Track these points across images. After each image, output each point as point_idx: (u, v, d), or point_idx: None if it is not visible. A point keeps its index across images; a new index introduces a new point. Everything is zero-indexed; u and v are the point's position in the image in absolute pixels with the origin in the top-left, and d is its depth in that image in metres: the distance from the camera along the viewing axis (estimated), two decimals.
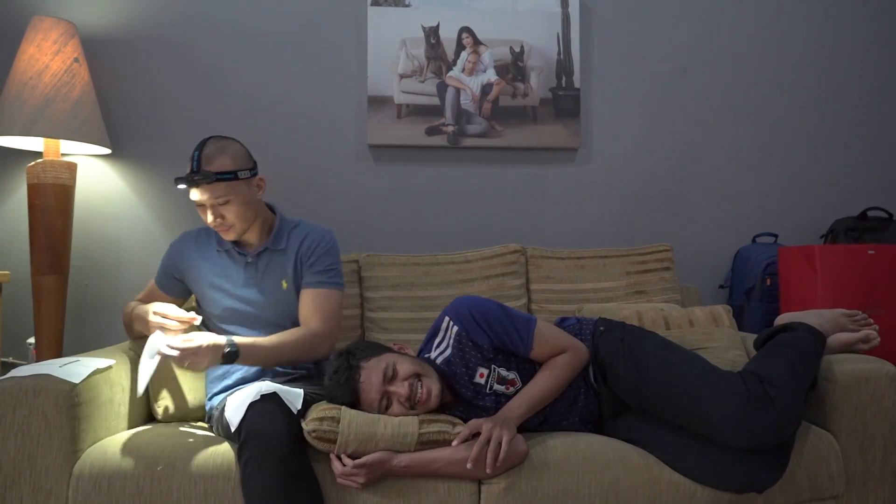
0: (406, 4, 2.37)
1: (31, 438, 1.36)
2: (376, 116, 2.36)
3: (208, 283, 1.73)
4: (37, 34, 2.06)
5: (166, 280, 1.79)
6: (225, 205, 1.62)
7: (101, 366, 1.50)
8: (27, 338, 2.17)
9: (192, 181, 1.60)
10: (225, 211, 1.63)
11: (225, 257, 1.74)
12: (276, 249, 1.73)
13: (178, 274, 1.77)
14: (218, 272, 1.73)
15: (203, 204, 1.63)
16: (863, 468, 1.55)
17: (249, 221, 1.69)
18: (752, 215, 2.52)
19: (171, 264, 1.78)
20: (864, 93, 2.56)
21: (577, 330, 1.66)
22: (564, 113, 2.42)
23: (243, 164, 1.66)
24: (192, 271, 1.75)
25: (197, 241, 1.79)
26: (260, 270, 1.72)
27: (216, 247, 1.75)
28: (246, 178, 1.65)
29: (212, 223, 1.65)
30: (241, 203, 1.64)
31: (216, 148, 1.63)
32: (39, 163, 2.06)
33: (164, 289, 1.79)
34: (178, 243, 1.80)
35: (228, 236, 1.69)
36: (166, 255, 1.80)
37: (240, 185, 1.64)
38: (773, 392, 1.38)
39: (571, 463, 1.44)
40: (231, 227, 1.66)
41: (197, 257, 1.75)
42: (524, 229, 2.43)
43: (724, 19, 2.52)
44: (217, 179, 1.59)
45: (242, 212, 1.65)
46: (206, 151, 1.62)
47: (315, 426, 1.36)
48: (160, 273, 1.80)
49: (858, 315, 1.75)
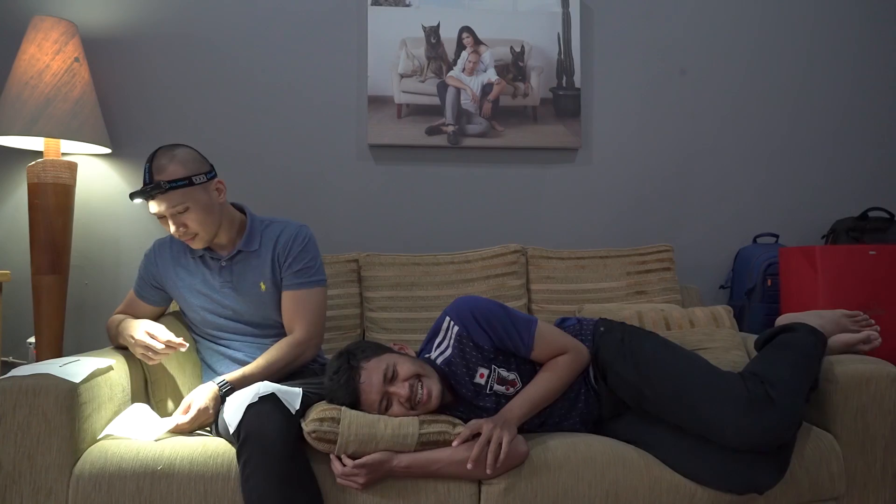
0: (406, 4, 2.37)
1: (32, 438, 1.36)
2: (376, 116, 2.36)
3: (187, 290, 1.72)
4: (37, 34, 2.06)
5: (145, 289, 1.77)
6: (185, 213, 1.58)
7: (102, 365, 1.50)
8: (27, 337, 2.17)
9: (146, 193, 1.57)
10: (186, 220, 1.59)
11: (199, 263, 1.72)
12: (250, 251, 1.70)
13: (156, 282, 1.76)
14: (195, 278, 1.72)
15: (163, 215, 1.60)
16: (864, 469, 1.55)
17: (214, 227, 1.65)
18: (752, 215, 2.52)
19: (147, 273, 1.76)
20: (865, 92, 2.56)
21: (577, 330, 1.65)
22: (565, 113, 2.42)
23: (196, 168, 1.62)
24: (170, 279, 1.74)
25: (171, 247, 1.76)
26: (235, 274, 1.70)
27: (190, 253, 1.73)
28: (202, 182, 1.61)
29: (175, 233, 1.61)
30: (201, 209, 1.60)
31: (166, 157, 1.59)
32: (40, 162, 2.06)
33: (144, 298, 1.76)
34: (152, 252, 1.78)
35: (196, 245, 1.65)
36: (142, 265, 1.78)
37: (196, 191, 1.59)
38: (774, 393, 1.37)
39: (572, 463, 1.43)
40: (195, 235, 1.62)
41: (172, 264, 1.74)
42: (524, 229, 2.43)
43: (725, 19, 2.52)
44: (170, 188, 1.55)
45: (203, 218, 1.61)
46: (157, 162, 1.58)
47: (315, 427, 1.35)
48: (138, 283, 1.78)
49: (859, 316, 1.74)
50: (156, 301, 1.77)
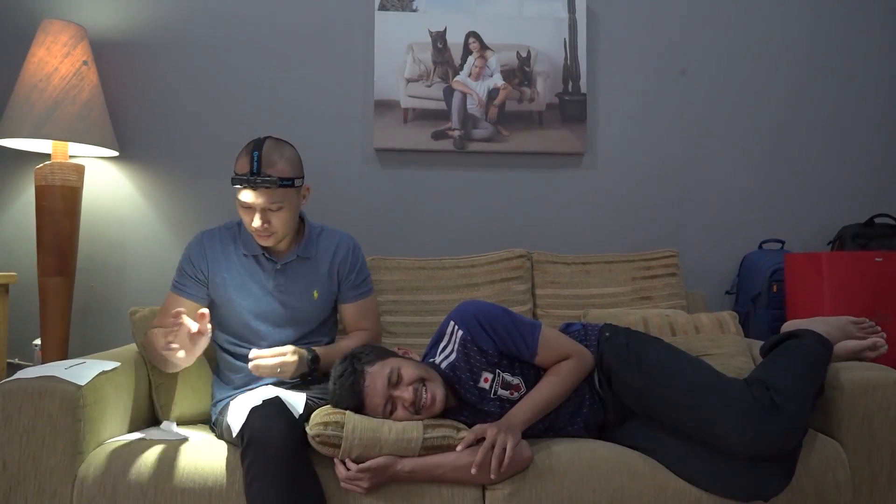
0: (413, 9, 2.38)
1: (36, 440, 1.36)
2: (383, 120, 2.37)
3: (235, 288, 1.65)
4: (46, 37, 2.07)
5: (189, 284, 1.65)
6: (277, 211, 1.56)
7: (107, 368, 1.50)
8: (33, 339, 2.18)
9: (255, 183, 1.52)
10: (273, 217, 1.57)
11: (252, 263, 1.67)
12: (306, 257, 1.70)
13: (203, 274, 1.66)
14: (246, 277, 1.66)
15: (252, 207, 1.55)
16: (870, 477, 1.53)
17: (293, 230, 1.65)
18: (758, 221, 2.51)
19: (196, 264, 1.66)
20: (872, 98, 2.55)
21: (582, 336, 1.65)
22: (571, 118, 2.42)
23: (299, 171, 1.63)
24: (219, 272, 1.66)
25: (221, 241, 1.69)
26: (290, 278, 1.67)
27: (242, 250, 1.68)
28: (299, 185, 1.61)
29: (258, 228, 1.57)
30: (291, 211, 1.59)
31: (276, 151, 1.57)
32: (47, 165, 2.08)
33: (188, 295, 1.65)
34: (200, 243, 1.68)
35: (266, 242, 1.62)
36: (188, 256, 1.67)
37: (293, 193, 1.59)
38: (780, 400, 1.37)
39: (576, 469, 1.43)
40: (273, 233, 1.59)
41: (223, 258, 1.67)
42: (530, 234, 2.42)
43: (731, 24, 2.51)
44: (280, 185, 1.53)
45: (289, 220, 1.60)
46: (266, 153, 1.55)
47: (319, 431, 1.35)
48: (180, 277, 1.67)
49: (866, 322, 1.73)
50: (198, 297, 1.66)
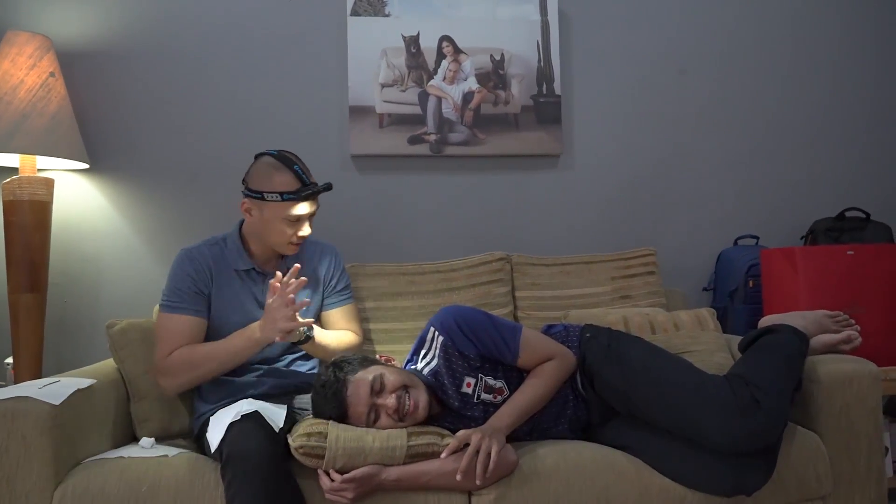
0: (386, 14, 2.37)
1: (10, 462, 1.33)
2: (358, 126, 2.36)
3: (228, 303, 1.64)
4: (11, 48, 2.03)
5: (189, 300, 1.61)
6: (312, 217, 1.68)
7: (83, 386, 1.47)
8: (5, 357, 2.12)
9: (313, 194, 1.63)
10: (311, 225, 1.68)
11: (244, 277, 1.68)
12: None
13: (207, 288, 1.64)
14: (238, 292, 1.66)
15: (302, 218, 1.64)
16: (849, 468, 1.56)
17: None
18: (733, 218, 2.54)
19: (197, 279, 1.62)
20: (840, 94, 2.60)
21: (563, 337, 1.66)
22: (546, 120, 2.43)
23: None
24: (218, 288, 1.65)
25: (212, 257, 1.67)
26: None
27: (232, 266, 1.67)
28: None
29: (302, 236, 1.66)
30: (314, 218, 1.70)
31: (300, 159, 1.68)
32: (15, 179, 2.03)
33: (191, 312, 1.60)
34: (192, 259, 1.65)
35: (291, 251, 1.69)
36: (184, 273, 1.62)
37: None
38: (759, 395, 1.39)
39: (562, 471, 1.43)
40: (300, 242, 1.68)
41: (217, 274, 1.66)
42: (509, 236, 2.43)
43: (702, 23, 2.55)
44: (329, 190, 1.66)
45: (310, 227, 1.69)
46: (301, 164, 1.66)
47: (302, 442, 1.34)
48: (176, 296, 1.61)
49: (840, 316, 1.77)
50: (201, 313, 1.62)
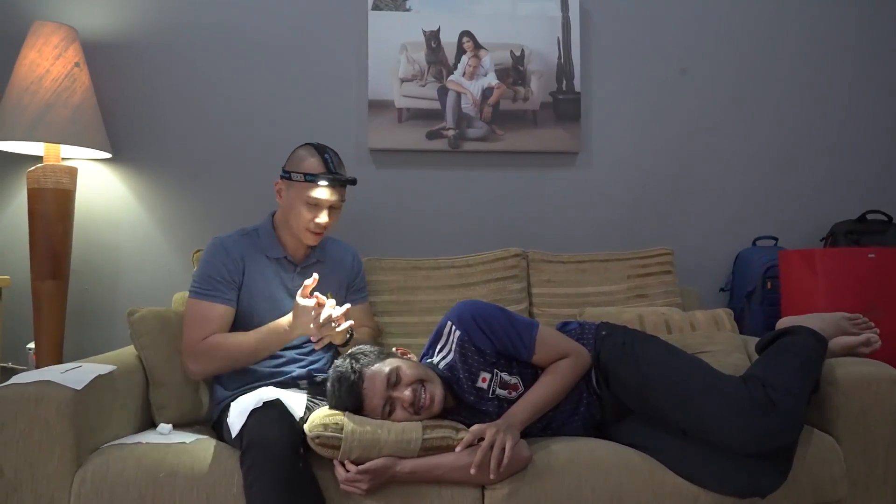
0: (407, 9, 2.37)
1: (33, 446, 1.35)
2: (377, 120, 2.36)
3: (260, 291, 1.67)
4: (38, 39, 2.06)
5: (222, 289, 1.63)
6: (337, 209, 1.69)
7: (103, 371, 1.49)
8: (27, 343, 2.16)
9: (338, 181, 1.66)
10: (332, 215, 1.68)
11: (275, 266, 1.72)
12: (321, 260, 1.78)
13: (240, 276, 1.67)
14: (270, 280, 1.69)
15: (321, 204, 1.66)
16: (865, 472, 1.55)
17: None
18: (752, 218, 2.52)
19: (230, 268, 1.64)
20: (863, 95, 2.57)
21: (579, 334, 1.65)
22: (565, 117, 2.42)
23: None
24: (251, 276, 1.68)
25: (244, 245, 1.70)
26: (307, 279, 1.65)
27: (265, 253, 1.71)
28: None
29: (321, 225, 1.67)
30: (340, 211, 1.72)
31: (338, 156, 1.71)
32: (40, 167, 2.06)
33: (223, 300, 1.63)
34: (226, 248, 1.67)
35: (314, 241, 1.71)
36: (218, 262, 1.65)
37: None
38: (776, 396, 1.38)
39: (575, 468, 1.43)
40: (324, 230, 1.70)
41: (251, 263, 1.69)
42: (525, 233, 2.42)
43: (724, 21, 2.52)
44: (353, 184, 1.69)
45: (337, 219, 1.72)
46: (333, 155, 1.70)
47: (319, 432, 1.35)
48: (208, 285, 1.63)
49: (860, 318, 1.75)
50: (232, 302, 1.66)
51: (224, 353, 1.60)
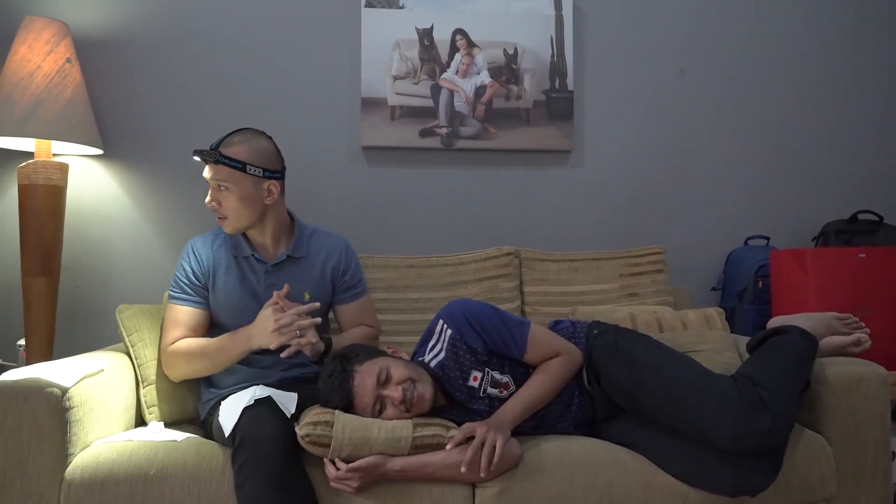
0: (400, 6, 2.37)
1: (22, 443, 1.35)
2: (370, 118, 2.36)
3: (228, 292, 1.65)
4: (28, 34, 2.04)
5: (190, 293, 1.65)
6: (223, 191, 1.60)
7: (93, 369, 1.49)
8: (17, 339, 2.15)
9: (201, 154, 1.59)
10: (221, 197, 1.61)
11: (244, 264, 1.68)
12: (297, 258, 1.71)
13: (207, 279, 1.67)
14: (241, 280, 1.67)
15: (208, 181, 1.63)
16: (854, 470, 1.56)
17: (246, 220, 1.64)
18: (743, 217, 2.53)
19: (195, 273, 1.66)
20: (854, 95, 2.58)
21: (570, 333, 1.66)
22: (557, 115, 2.42)
23: (260, 161, 1.62)
24: (218, 278, 1.67)
25: (213, 244, 1.70)
26: (280, 279, 1.65)
27: (233, 252, 1.69)
28: (255, 174, 1.61)
29: (207, 202, 1.62)
30: (239, 197, 1.60)
31: (243, 137, 1.63)
32: (31, 163, 2.05)
33: (193, 303, 1.65)
34: (194, 251, 1.69)
35: (224, 227, 1.65)
36: (185, 267, 1.67)
37: (244, 179, 1.60)
38: (767, 395, 1.38)
39: (565, 466, 1.44)
40: (224, 217, 1.63)
41: (216, 263, 1.68)
42: (517, 231, 2.43)
43: (716, 21, 2.53)
44: (220, 161, 1.58)
45: (237, 207, 1.61)
46: (233, 137, 1.63)
47: (309, 430, 1.35)
48: (179, 289, 1.65)
49: (850, 318, 1.76)
50: (203, 305, 1.67)
51: (188, 359, 1.60)
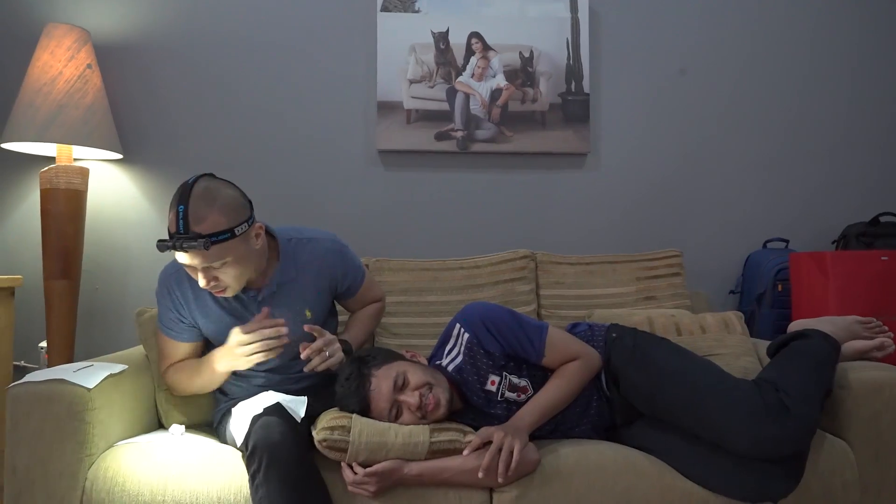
0: (415, 10, 2.38)
1: (45, 444, 1.37)
2: (385, 122, 2.37)
3: (222, 330, 1.50)
4: (50, 41, 2.07)
5: (176, 327, 1.56)
6: (221, 268, 1.38)
7: (115, 371, 1.50)
8: (39, 341, 2.18)
9: (179, 246, 1.31)
10: (220, 273, 1.39)
11: (233, 301, 1.54)
12: (288, 281, 1.56)
13: (190, 320, 1.56)
14: (229, 318, 1.53)
15: (193, 267, 1.39)
16: (878, 477, 1.53)
17: (248, 275, 1.47)
18: (762, 220, 2.51)
19: (175, 314, 1.55)
20: (875, 96, 2.54)
21: (588, 336, 1.65)
22: (574, 118, 2.42)
23: (239, 216, 1.40)
24: (201, 316, 1.55)
25: (191, 283, 1.52)
26: (277, 306, 1.53)
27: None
28: (243, 232, 1.40)
29: (205, 286, 1.41)
30: (239, 262, 1.40)
31: (205, 201, 1.35)
32: (52, 168, 2.08)
33: (182, 338, 1.57)
34: (169, 288, 1.54)
35: (226, 295, 1.46)
36: (164, 307, 1.56)
37: (236, 244, 1.38)
38: (789, 401, 1.37)
39: (583, 471, 1.43)
40: (227, 287, 1.43)
41: (197, 301, 1.54)
42: (533, 234, 2.42)
43: (733, 24, 2.51)
44: (212, 243, 1.33)
45: (240, 271, 1.42)
46: (193, 206, 1.33)
47: (326, 435, 1.35)
48: (171, 325, 1.56)
49: (873, 322, 1.73)
50: (198, 337, 1.58)
51: (184, 382, 1.58)
